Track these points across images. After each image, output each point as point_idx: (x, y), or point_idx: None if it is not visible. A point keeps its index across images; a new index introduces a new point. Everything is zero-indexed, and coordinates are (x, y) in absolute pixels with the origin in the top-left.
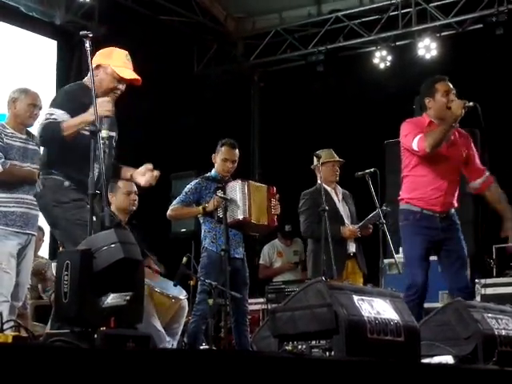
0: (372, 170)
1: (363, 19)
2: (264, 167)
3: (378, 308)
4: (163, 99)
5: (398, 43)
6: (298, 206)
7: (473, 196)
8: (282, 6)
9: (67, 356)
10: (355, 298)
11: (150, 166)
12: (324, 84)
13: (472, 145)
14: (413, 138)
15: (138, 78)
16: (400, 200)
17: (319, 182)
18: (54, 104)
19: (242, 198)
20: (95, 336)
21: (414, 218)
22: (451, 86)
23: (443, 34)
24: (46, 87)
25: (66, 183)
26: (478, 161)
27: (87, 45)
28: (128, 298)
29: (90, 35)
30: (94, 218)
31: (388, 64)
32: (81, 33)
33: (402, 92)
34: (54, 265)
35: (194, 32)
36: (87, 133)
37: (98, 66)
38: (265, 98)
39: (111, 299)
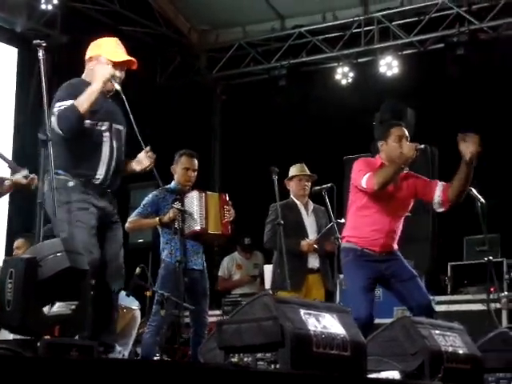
0: (329, 185)
1: (326, 35)
2: (224, 180)
3: (324, 322)
4: (124, 110)
5: (360, 60)
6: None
7: (429, 213)
8: (245, 19)
9: (9, 364)
10: (302, 311)
11: (147, 148)
12: (286, 98)
13: (417, 176)
14: (363, 176)
15: (132, 59)
16: (342, 238)
17: (291, 195)
18: (60, 98)
19: (199, 209)
20: (38, 344)
21: (354, 254)
22: (406, 133)
23: (405, 52)
24: (6, 94)
25: (71, 183)
26: (426, 180)
27: (40, 54)
28: (73, 307)
29: (44, 44)
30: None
31: (350, 80)
32: (34, 42)
33: (363, 108)
34: None
35: (157, 43)
36: (98, 128)
37: (90, 59)
38: (227, 111)
39: (56, 308)
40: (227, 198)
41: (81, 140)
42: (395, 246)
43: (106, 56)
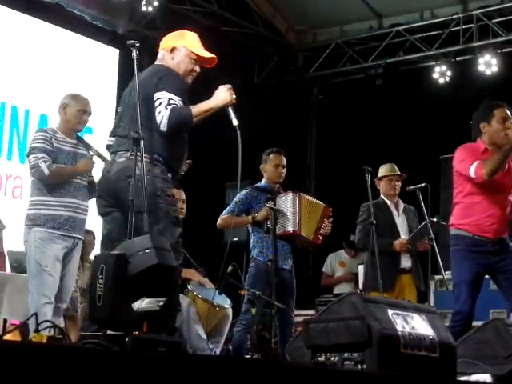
0: (423, 184)
1: (424, 34)
2: (320, 179)
3: (413, 323)
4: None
5: (458, 59)
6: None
7: None
8: (343, 19)
9: (97, 358)
10: (390, 311)
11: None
12: (382, 98)
13: None
14: (469, 165)
15: (214, 56)
16: (450, 225)
17: (381, 195)
18: (168, 88)
19: (293, 211)
20: (127, 340)
21: (464, 243)
22: (509, 114)
23: (504, 50)
24: (107, 95)
25: (169, 174)
26: None
27: (134, 54)
28: (161, 303)
29: (137, 44)
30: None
31: (447, 79)
32: (128, 42)
33: (460, 108)
34: None
35: (255, 43)
36: None
37: (173, 49)
38: (323, 110)
39: (144, 304)
40: (330, 213)
41: (181, 136)
42: (506, 232)
43: (191, 49)
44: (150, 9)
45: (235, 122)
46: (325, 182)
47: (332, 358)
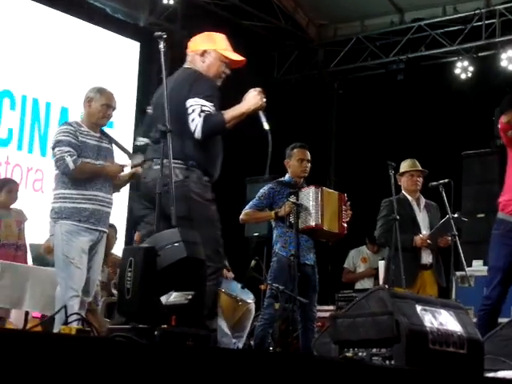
0: (446, 180)
1: (446, 29)
2: (340, 175)
3: (441, 319)
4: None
5: (480, 54)
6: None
7: None
8: (364, 13)
9: (126, 351)
10: (418, 307)
11: None
12: (404, 93)
13: None
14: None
15: (244, 59)
16: (498, 203)
17: (402, 191)
18: (200, 94)
19: (315, 205)
20: (155, 333)
21: (504, 228)
22: None
23: None
24: (128, 88)
25: (206, 178)
26: None
27: (161, 46)
28: (190, 297)
29: (164, 36)
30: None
31: (470, 75)
32: (155, 34)
33: (482, 103)
34: None
35: (275, 37)
36: None
37: (203, 52)
38: (343, 105)
39: (173, 297)
40: (346, 198)
41: (213, 139)
42: None
43: (222, 52)
44: (171, 2)
45: (266, 126)
46: (345, 177)
47: (360, 354)
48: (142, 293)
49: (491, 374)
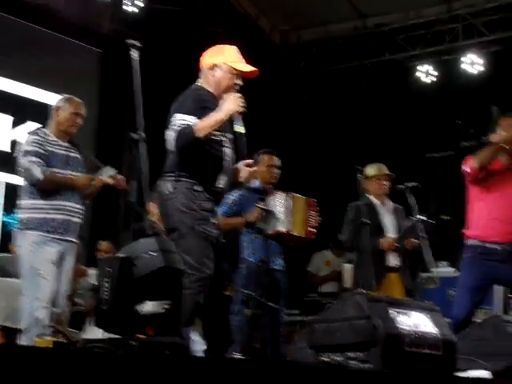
0: (413, 183)
1: (409, 34)
2: (304, 179)
3: (416, 321)
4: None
5: (443, 58)
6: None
7: None
8: (327, 19)
9: (105, 362)
10: (393, 310)
11: (249, 161)
12: (368, 97)
13: None
14: (467, 163)
15: (255, 69)
16: (464, 236)
17: (368, 195)
18: (183, 110)
19: (285, 211)
20: (133, 343)
21: (474, 252)
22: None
23: (489, 49)
24: (89, 96)
25: (198, 188)
26: None
27: (134, 54)
28: (166, 306)
29: (138, 44)
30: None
31: (433, 79)
32: (127, 41)
33: (446, 107)
34: (90, 272)
35: (239, 43)
36: (218, 138)
37: (213, 67)
38: (308, 111)
39: (150, 307)
40: (315, 203)
41: (206, 149)
42: None
43: (231, 65)
44: (134, 9)
45: (241, 130)
46: (311, 181)
47: (336, 358)
48: (119, 303)
49: (463, 374)
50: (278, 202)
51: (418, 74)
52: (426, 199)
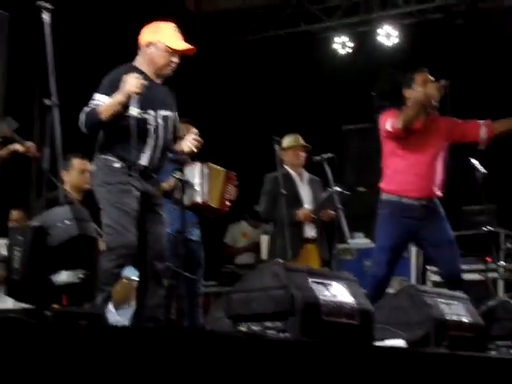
0: (329, 154)
1: (325, 4)
2: (223, 149)
3: (333, 291)
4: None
5: (359, 29)
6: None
7: None
8: None
9: (17, 332)
10: (311, 280)
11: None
12: (284, 68)
13: (449, 118)
14: (387, 122)
15: (192, 47)
16: (380, 190)
17: (285, 166)
18: (100, 90)
19: (201, 181)
20: (46, 313)
21: (391, 207)
22: (430, 77)
23: (404, 21)
24: None
25: (117, 165)
26: (460, 121)
27: (45, 17)
28: (81, 275)
29: (49, 7)
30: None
31: (348, 50)
32: (38, 3)
33: (362, 78)
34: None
35: (152, 10)
36: (141, 117)
37: (148, 44)
38: (224, 81)
39: (64, 277)
40: (234, 177)
41: (125, 127)
42: (437, 192)
43: (165, 42)
44: None
45: (134, 112)
46: (228, 152)
47: (253, 328)
48: (32, 273)
49: (380, 343)
50: (195, 173)
51: (334, 45)
52: (342, 171)
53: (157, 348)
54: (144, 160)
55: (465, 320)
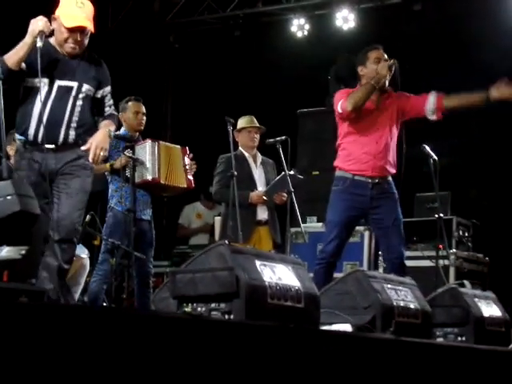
0: (283, 137)
1: None
2: (177, 130)
3: (279, 274)
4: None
5: (316, 12)
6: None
7: None
8: None
9: None
10: (257, 262)
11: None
12: (241, 49)
13: (402, 93)
14: (339, 102)
15: (83, 25)
16: (335, 168)
17: (240, 147)
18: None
19: (152, 159)
20: None
21: (343, 183)
22: (384, 55)
23: (362, 6)
24: None
25: (21, 138)
26: (413, 95)
27: None
28: (23, 251)
29: None
30: None
31: (306, 33)
32: None
33: (318, 62)
34: None
35: None
36: (37, 86)
37: (54, 18)
38: (180, 60)
39: (5, 252)
40: (188, 151)
41: (16, 96)
42: (390, 170)
43: (61, 19)
44: None
45: (39, 44)
46: (182, 132)
47: (199, 309)
48: None
49: (326, 327)
50: (146, 150)
51: (291, 28)
52: (296, 154)
53: (99, 329)
54: (31, 131)
55: (412, 306)
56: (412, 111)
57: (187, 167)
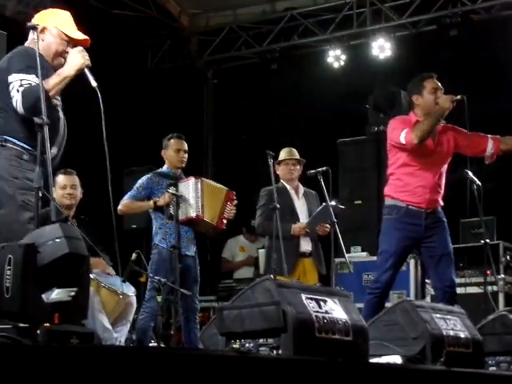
0: (324, 168)
1: (318, 18)
2: (218, 165)
3: (326, 307)
4: (116, 94)
5: (352, 42)
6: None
7: None
8: (236, 2)
9: (9, 352)
10: (303, 296)
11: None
12: (278, 82)
13: (456, 128)
14: (400, 132)
15: (87, 37)
16: (385, 196)
17: (281, 180)
18: (18, 69)
19: (195, 196)
20: (38, 332)
21: (398, 212)
22: (440, 85)
23: (397, 34)
24: None
25: (25, 157)
26: (467, 132)
27: (35, 36)
28: (73, 293)
29: (38, 27)
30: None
31: (342, 63)
32: (28, 24)
33: (356, 91)
34: None
35: (147, 27)
36: (53, 103)
37: (43, 29)
38: (218, 95)
39: (55, 295)
40: (234, 196)
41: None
42: (441, 203)
43: (62, 30)
44: None
45: (94, 84)
46: (223, 167)
47: (247, 345)
48: (23, 291)
49: (375, 360)
50: (189, 187)
51: (327, 58)
52: (338, 184)
53: (149, 368)
54: (53, 152)
55: (462, 335)
56: (469, 151)
57: (226, 210)
